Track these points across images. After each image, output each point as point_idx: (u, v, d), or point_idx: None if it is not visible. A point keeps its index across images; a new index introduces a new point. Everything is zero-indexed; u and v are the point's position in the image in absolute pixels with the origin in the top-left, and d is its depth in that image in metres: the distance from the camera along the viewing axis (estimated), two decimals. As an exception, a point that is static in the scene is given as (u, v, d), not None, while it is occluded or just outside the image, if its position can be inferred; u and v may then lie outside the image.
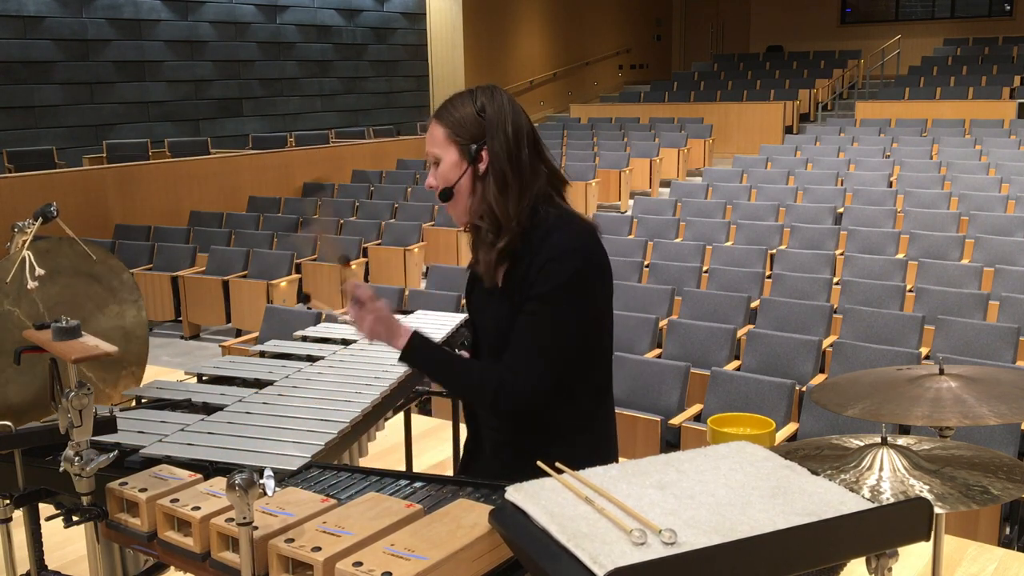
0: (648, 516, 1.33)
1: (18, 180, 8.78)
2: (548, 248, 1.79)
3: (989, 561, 3.00)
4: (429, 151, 1.86)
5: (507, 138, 1.83)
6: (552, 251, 1.78)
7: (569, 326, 1.80)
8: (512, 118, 1.84)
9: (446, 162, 1.84)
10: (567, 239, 1.80)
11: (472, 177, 1.84)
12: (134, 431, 2.19)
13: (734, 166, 11.15)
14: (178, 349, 7.63)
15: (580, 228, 1.84)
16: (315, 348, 2.98)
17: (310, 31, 13.75)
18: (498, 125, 1.83)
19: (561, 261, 1.78)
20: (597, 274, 1.83)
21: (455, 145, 1.83)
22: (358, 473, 1.94)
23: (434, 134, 1.85)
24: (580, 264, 1.79)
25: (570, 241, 1.80)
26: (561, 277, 1.78)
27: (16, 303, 2.34)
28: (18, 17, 10.36)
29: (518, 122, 1.85)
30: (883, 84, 16.32)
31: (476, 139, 1.82)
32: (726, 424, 2.97)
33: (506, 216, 1.81)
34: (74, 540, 2.76)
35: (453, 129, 1.83)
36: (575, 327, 1.80)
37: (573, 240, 1.81)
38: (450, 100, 1.87)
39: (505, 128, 1.83)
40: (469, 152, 1.83)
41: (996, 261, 6.63)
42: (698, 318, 5.59)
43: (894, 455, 1.81)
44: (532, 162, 1.86)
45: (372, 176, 11.84)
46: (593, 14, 18.98)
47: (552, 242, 1.79)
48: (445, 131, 1.84)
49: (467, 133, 1.83)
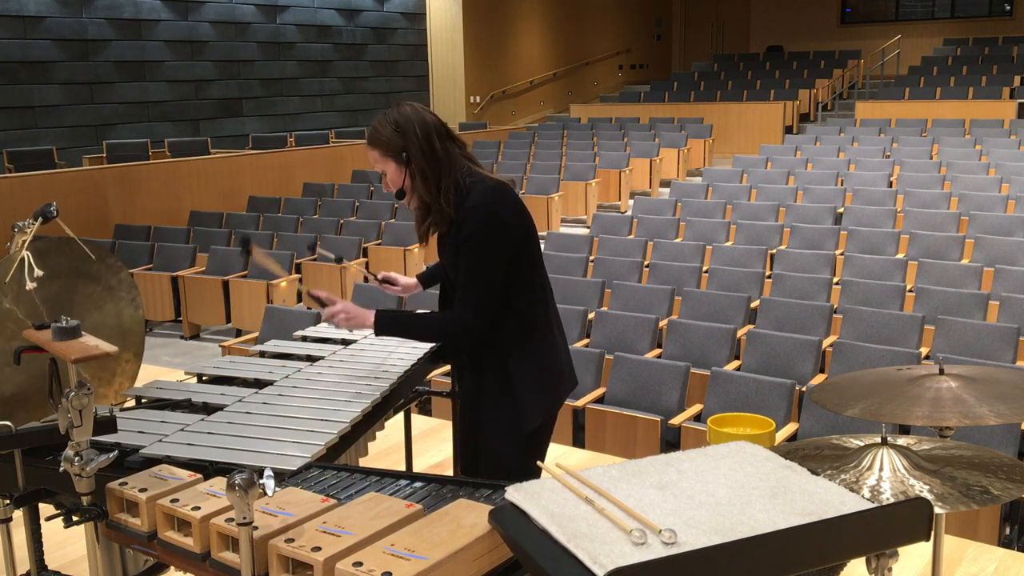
0: (648, 516, 1.34)
1: (18, 180, 8.78)
2: (464, 210, 2.31)
3: (989, 561, 3.00)
4: (374, 166, 2.39)
5: (419, 139, 2.32)
6: (465, 211, 2.31)
7: (485, 266, 2.30)
8: (417, 121, 2.32)
9: (390, 172, 2.37)
10: (475, 199, 2.31)
11: (411, 176, 2.36)
12: (134, 431, 2.19)
13: (734, 166, 11.15)
14: (178, 349, 7.63)
15: (487, 189, 2.33)
16: (315, 348, 2.98)
17: (310, 31, 13.76)
18: (409, 132, 2.32)
19: (469, 219, 2.29)
20: (499, 223, 2.31)
21: (391, 158, 2.35)
22: (358, 473, 1.94)
23: (372, 155, 2.38)
24: (484, 218, 2.29)
25: (477, 201, 2.30)
26: (471, 229, 2.29)
27: (15, 302, 2.34)
28: (18, 17, 10.36)
29: (423, 122, 2.33)
30: (883, 84, 16.32)
31: (402, 149, 2.33)
32: (726, 424, 2.97)
33: (433, 200, 2.35)
34: (74, 540, 2.76)
35: (383, 148, 2.35)
36: (491, 266, 2.30)
37: (479, 199, 2.31)
38: (373, 127, 2.36)
39: (415, 131, 2.32)
40: (402, 159, 2.34)
41: (996, 261, 6.63)
42: (698, 318, 5.59)
43: (894, 455, 1.81)
44: (446, 148, 2.34)
45: (372, 176, 11.83)
46: (593, 14, 18.97)
47: (467, 204, 2.31)
48: (378, 151, 2.36)
49: (394, 146, 2.33)
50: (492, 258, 2.30)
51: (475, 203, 2.30)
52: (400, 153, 2.33)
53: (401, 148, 2.33)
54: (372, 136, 2.37)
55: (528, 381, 2.37)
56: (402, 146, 2.33)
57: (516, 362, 2.37)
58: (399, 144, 2.33)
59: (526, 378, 2.37)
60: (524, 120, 17.10)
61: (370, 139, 2.38)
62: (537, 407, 2.38)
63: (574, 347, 5.04)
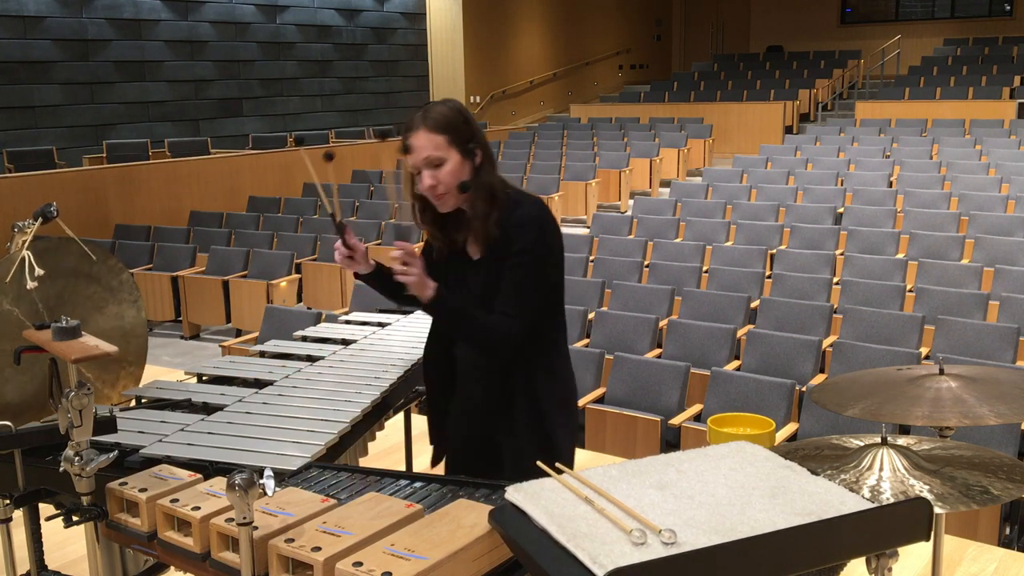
0: (648, 516, 1.34)
1: (18, 180, 8.78)
2: (517, 217, 2.18)
3: (989, 561, 3.00)
4: (428, 156, 2.13)
5: (483, 135, 2.22)
6: (517, 222, 2.17)
7: (538, 280, 2.20)
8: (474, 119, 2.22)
9: (452, 162, 2.14)
10: (529, 211, 2.19)
11: (471, 169, 2.17)
12: (134, 431, 2.19)
13: (734, 166, 11.15)
14: (178, 349, 7.63)
15: (536, 201, 2.24)
16: (315, 348, 2.98)
17: (310, 31, 13.75)
18: (475, 125, 2.19)
19: (527, 230, 2.17)
20: (555, 237, 2.23)
21: (456, 148, 2.14)
22: (358, 473, 1.94)
23: (433, 140, 2.13)
24: (542, 230, 2.19)
25: (534, 213, 2.20)
26: (528, 241, 2.17)
27: (16, 302, 2.34)
28: (18, 17, 10.36)
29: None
30: (883, 84, 16.32)
31: (468, 139, 2.16)
32: (726, 424, 2.97)
33: (484, 207, 2.18)
34: (74, 540, 2.76)
35: (452, 134, 2.14)
36: (544, 280, 2.22)
37: (534, 211, 2.20)
38: (434, 110, 2.16)
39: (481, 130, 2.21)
40: (468, 151, 2.15)
41: (996, 261, 6.63)
42: (698, 318, 5.59)
43: (894, 455, 1.81)
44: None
45: (372, 176, 11.83)
46: (593, 14, 18.97)
47: (518, 216, 2.18)
48: (444, 137, 2.13)
49: (461, 136, 2.15)
50: (547, 272, 2.21)
51: (532, 215, 2.19)
52: (467, 144, 2.16)
53: (469, 138, 2.16)
54: (440, 120, 2.14)
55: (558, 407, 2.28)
56: (470, 136, 2.16)
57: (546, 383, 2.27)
58: (468, 134, 2.16)
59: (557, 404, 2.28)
60: (524, 120, 17.11)
61: (437, 122, 2.14)
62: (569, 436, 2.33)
63: (574, 347, 5.04)
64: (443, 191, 2.15)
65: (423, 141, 2.13)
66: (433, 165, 2.13)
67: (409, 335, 3.12)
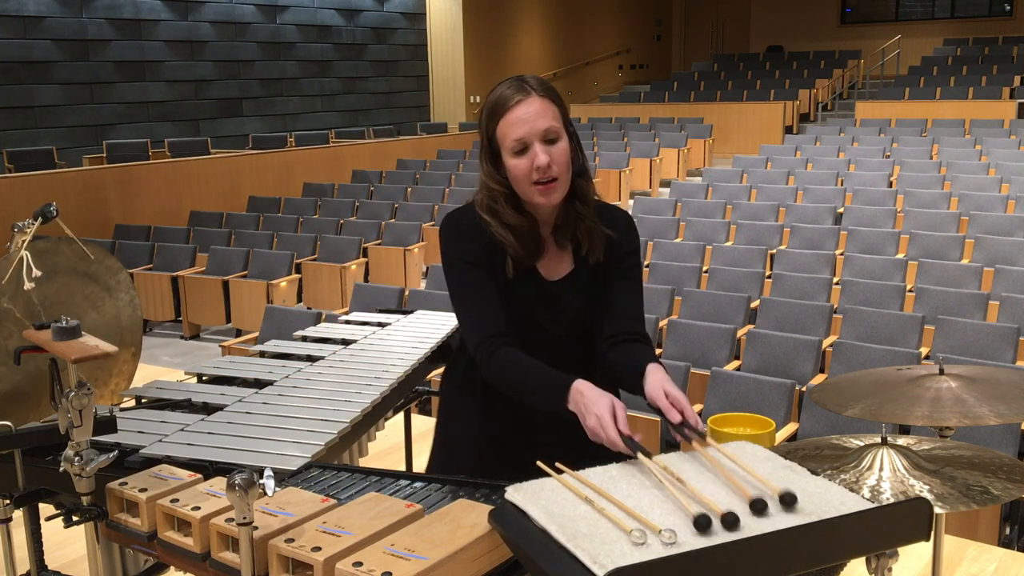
0: (648, 516, 1.33)
1: (18, 180, 8.78)
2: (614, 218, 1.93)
3: (989, 561, 3.00)
4: (548, 126, 1.78)
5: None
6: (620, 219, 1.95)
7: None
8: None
9: (565, 139, 1.82)
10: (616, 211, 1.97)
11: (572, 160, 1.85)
12: (134, 431, 2.19)
13: (734, 166, 11.15)
14: (178, 349, 7.62)
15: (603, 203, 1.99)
16: (315, 348, 2.98)
17: (310, 31, 13.76)
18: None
19: (631, 232, 1.96)
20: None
21: (563, 127, 1.82)
22: (358, 473, 1.94)
23: (553, 111, 1.80)
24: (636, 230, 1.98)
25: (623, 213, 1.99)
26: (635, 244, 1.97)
27: (13, 301, 2.34)
28: (18, 17, 10.36)
29: None
30: (883, 84, 16.32)
31: (568, 121, 1.85)
32: (726, 424, 2.96)
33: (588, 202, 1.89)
34: (74, 540, 2.76)
35: (561, 108, 1.83)
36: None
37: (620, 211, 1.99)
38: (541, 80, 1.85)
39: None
40: (571, 133, 1.85)
41: (996, 261, 6.63)
42: (698, 318, 5.59)
43: (894, 455, 1.81)
44: None
45: (372, 176, 11.83)
46: (593, 14, 18.98)
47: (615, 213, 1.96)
48: (558, 110, 1.82)
49: (566, 114, 1.85)
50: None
51: (626, 214, 1.98)
52: (570, 126, 1.85)
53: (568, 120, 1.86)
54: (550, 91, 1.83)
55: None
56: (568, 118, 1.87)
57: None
58: (567, 114, 1.86)
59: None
60: (524, 120, 17.09)
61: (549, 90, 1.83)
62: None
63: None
64: (558, 173, 1.80)
65: (540, 107, 1.78)
66: (549, 140, 1.79)
67: (409, 335, 3.12)
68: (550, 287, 1.91)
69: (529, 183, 1.79)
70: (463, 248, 1.89)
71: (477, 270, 1.88)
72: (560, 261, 1.92)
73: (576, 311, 1.92)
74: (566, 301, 1.92)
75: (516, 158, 1.78)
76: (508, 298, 1.89)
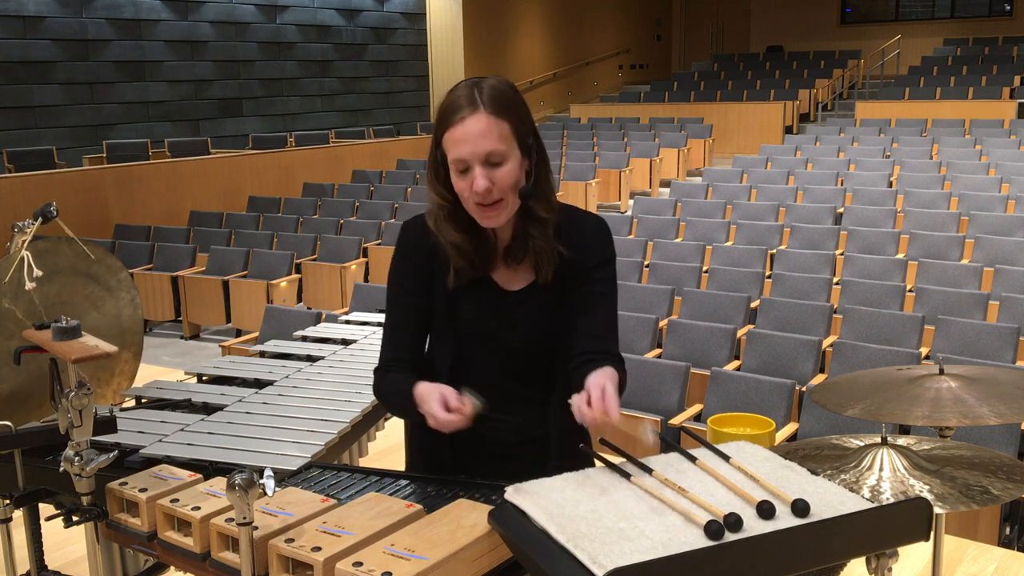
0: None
1: (18, 180, 8.78)
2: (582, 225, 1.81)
3: (989, 561, 3.00)
4: (492, 149, 1.63)
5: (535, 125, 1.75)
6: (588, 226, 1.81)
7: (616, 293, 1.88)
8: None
9: (514, 161, 1.67)
10: (586, 217, 1.83)
11: (529, 174, 1.72)
12: (134, 431, 2.19)
13: (734, 166, 11.15)
14: (178, 349, 7.62)
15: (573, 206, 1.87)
16: (315, 348, 2.98)
17: (310, 31, 13.75)
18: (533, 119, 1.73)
19: (599, 239, 1.82)
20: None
21: (516, 140, 1.67)
22: (358, 473, 1.94)
23: (499, 130, 1.64)
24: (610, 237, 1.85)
25: (595, 219, 1.84)
26: (609, 253, 1.83)
27: (14, 301, 2.34)
28: (18, 17, 10.36)
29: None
30: (883, 84, 16.32)
31: (529, 131, 1.70)
32: (726, 424, 2.96)
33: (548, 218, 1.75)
34: (74, 540, 2.76)
35: (515, 123, 1.66)
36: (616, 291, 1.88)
37: (591, 217, 1.84)
38: (490, 86, 1.66)
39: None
40: (528, 146, 1.70)
41: (996, 261, 6.63)
42: (698, 318, 5.59)
43: (894, 455, 1.81)
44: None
45: (372, 176, 11.83)
46: (593, 14, 18.98)
47: (583, 219, 1.82)
48: (511, 126, 1.65)
49: (524, 126, 1.69)
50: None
51: (597, 222, 1.83)
52: (527, 137, 1.70)
53: (529, 130, 1.70)
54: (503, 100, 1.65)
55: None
56: (530, 127, 1.71)
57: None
58: (529, 123, 1.70)
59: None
60: (524, 120, 17.10)
61: (499, 104, 1.64)
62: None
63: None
64: (499, 197, 1.67)
65: (485, 126, 1.62)
66: (492, 163, 1.65)
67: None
68: (506, 297, 1.82)
69: (471, 203, 1.69)
70: (397, 268, 1.85)
71: (403, 293, 1.84)
72: (518, 272, 1.82)
73: (534, 323, 1.81)
74: (523, 313, 1.81)
75: (458, 176, 1.68)
76: (454, 306, 1.82)
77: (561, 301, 1.81)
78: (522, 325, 1.82)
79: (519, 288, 1.82)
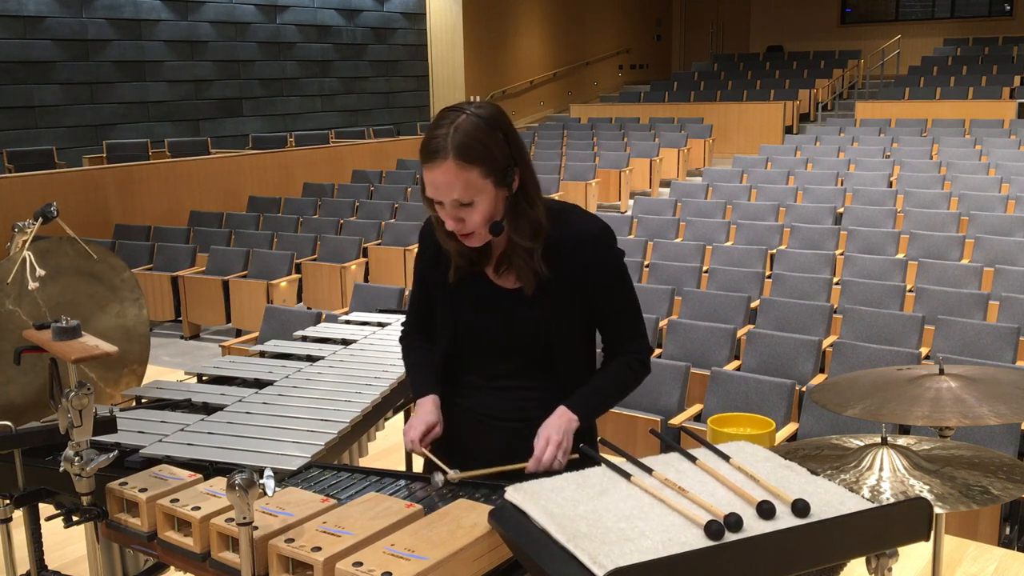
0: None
1: (18, 180, 8.78)
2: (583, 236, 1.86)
3: (989, 561, 3.00)
4: (457, 197, 1.71)
5: (523, 151, 1.81)
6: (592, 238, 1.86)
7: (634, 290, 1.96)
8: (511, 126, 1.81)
9: (485, 200, 1.73)
10: (589, 222, 1.88)
11: (507, 200, 1.79)
12: (134, 431, 2.19)
13: (734, 166, 11.15)
14: (178, 349, 7.62)
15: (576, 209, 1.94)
16: (315, 348, 2.98)
17: (310, 31, 13.75)
18: (520, 145, 1.80)
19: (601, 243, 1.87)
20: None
21: (491, 180, 1.73)
22: (358, 473, 1.94)
23: (466, 179, 1.70)
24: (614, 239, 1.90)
25: (598, 224, 1.89)
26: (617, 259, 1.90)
27: (18, 303, 2.34)
28: (18, 17, 10.36)
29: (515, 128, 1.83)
30: (883, 84, 16.32)
31: (507, 165, 1.75)
32: (726, 424, 2.96)
33: (543, 221, 1.82)
34: (74, 540, 2.76)
35: (487, 166, 1.72)
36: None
37: (593, 222, 1.89)
38: (469, 136, 1.70)
39: (522, 143, 1.82)
40: (505, 179, 1.76)
41: (996, 261, 6.63)
42: (698, 318, 5.59)
43: (894, 455, 1.81)
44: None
45: (372, 176, 11.84)
46: (593, 14, 18.98)
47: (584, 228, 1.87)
48: (480, 171, 1.71)
49: (498, 164, 1.73)
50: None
51: (597, 231, 1.86)
52: (504, 172, 1.75)
53: (507, 163, 1.75)
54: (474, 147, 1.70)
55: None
56: (507, 160, 1.75)
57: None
58: (505, 159, 1.75)
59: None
60: (524, 120, 17.11)
61: (469, 152, 1.69)
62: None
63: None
64: (471, 230, 1.77)
65: (450, 176, 1.69)
66: (463, 204, 1.73)
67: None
68: (504, 295, 1.90)
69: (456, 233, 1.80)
70: (419, 257, 2.04)
71: (419, 279, 2.04)
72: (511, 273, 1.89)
73: (533, 323, 1.87)
74: (521, 312, 1.88)
75: (436, 205, 1.78)
76: (453, 298, 1.94)
77: (557, 304, 1.88)
78: (521, 324, 1.90)
79: (513, 287, 1.90)
